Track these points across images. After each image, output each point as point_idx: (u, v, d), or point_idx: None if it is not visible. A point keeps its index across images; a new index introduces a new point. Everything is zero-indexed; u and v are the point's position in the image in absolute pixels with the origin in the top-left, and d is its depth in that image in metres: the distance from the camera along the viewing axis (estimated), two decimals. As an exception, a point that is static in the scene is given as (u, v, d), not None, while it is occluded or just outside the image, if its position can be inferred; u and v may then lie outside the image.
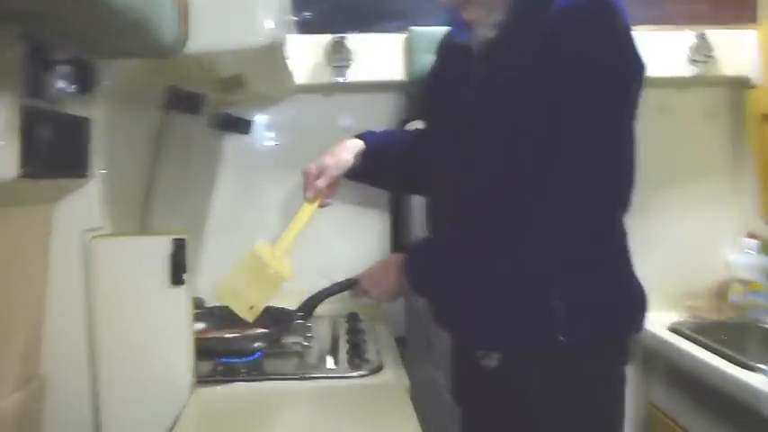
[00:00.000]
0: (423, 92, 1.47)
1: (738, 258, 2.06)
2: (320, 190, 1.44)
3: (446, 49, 1.40)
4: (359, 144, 1.47)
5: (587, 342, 1.20)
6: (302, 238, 1.99)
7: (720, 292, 2.07)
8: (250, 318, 1.42)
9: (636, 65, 1.15)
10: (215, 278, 1.87)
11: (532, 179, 1.12)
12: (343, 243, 2.03)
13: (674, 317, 1.97)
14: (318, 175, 1.44)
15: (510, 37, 1.18)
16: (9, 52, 0.87)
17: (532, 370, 1.21)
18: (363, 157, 1.46)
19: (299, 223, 1.45)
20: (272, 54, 1.28)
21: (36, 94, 0.92)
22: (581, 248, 1.17)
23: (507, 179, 1.14)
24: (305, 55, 1.92)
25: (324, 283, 1.86)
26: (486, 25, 1.22)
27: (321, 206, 1.46)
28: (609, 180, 1.15)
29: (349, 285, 1.76)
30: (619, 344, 1.27)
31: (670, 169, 2.08)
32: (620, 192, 1.20)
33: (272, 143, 2.06)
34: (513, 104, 1.13)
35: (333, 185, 1.45)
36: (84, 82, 1.06)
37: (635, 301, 1.28)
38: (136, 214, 1.38)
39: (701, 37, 1.95)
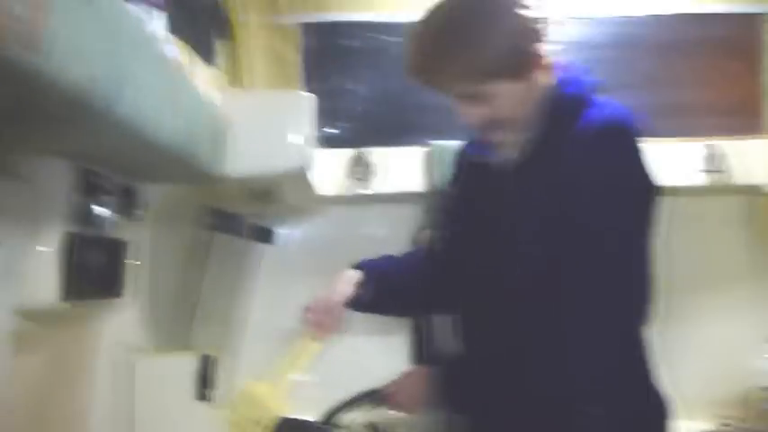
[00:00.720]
0: (444, 204, 1.48)
1: (764, 364, 2.04)
2: (327, 326, 1.39)
3: (466, 163, 1.41)
4: (355, 274, 1.43)
5: None
6: (332, 349, 2.00)
7: (749, 400, 2.04)
8: None
9: (652, 181, 1.17)
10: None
11: (561, 297, 1.13)
12: (366, 353, 2.04)
13: (703, 425, 1.94)
14: (321, 312, 1.39)
15: (537, 157, 1.22)
16: (58, 182, 0.92)
17: None
18: (365, 285, 1.42)
19: (303, 360, 1.39)
20: (304, 174, 1.34)
21: (80, 221, 0.97)
22: (610, 364, 1.17)
23: (536, 296, 1.16)
24: (329, 168, 1.99)
25: (345, 394, 1.86)
26: (510, 146, 1.25)
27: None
28: (633, 296, 1.16)
29: (372, 395, 1.75)
30: None
31: (696, 276, 2.10)
32: (642, 305, 1.20)
33: (303, 253, 2.11)
34: (541, 224, 1.15)
35: (337, 319, 1.40)
36: (127, 207, 1.11)
37: (662, 411, 1.26)
38: (181, 328, 1.40)
39: (712, 147, 2.01)
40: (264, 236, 1.96)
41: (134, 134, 0.70)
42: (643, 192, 1.17)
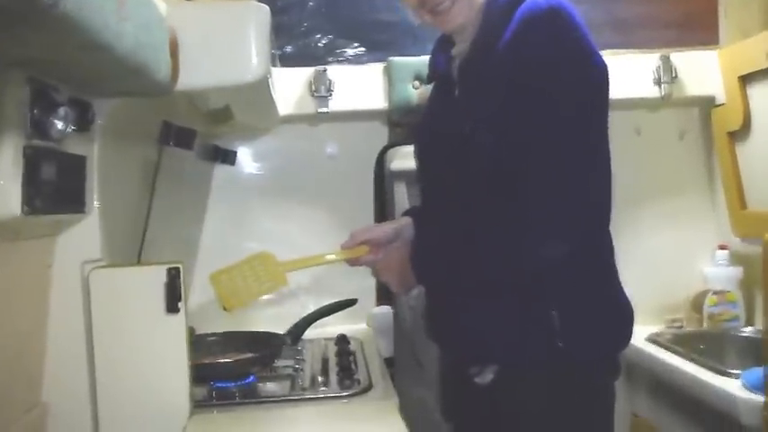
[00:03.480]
0: (418, 120, 1.48)
1: (713, 270, 2.13)
2: (355, 244, 1.39)
3: (434, 81, 1.43)
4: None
5: (582, 354, 1.21)
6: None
7: (697, 304, 2.14)
8: (227, 309, 1.37)
9: (597, 63, 1.18)
10: (206, 307, 1.93)
11: (520, 183, 1.14)
12: (330, 268, 2.08)
13: (653, 329, 2.04)
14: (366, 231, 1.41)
15: (478, 54, 1.24)
16: (15, 95, 0.92)
17: (526, 385, 1.22)
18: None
19: (316, 259, 1.42)
20: (259, 89, 1.34)
21: (39, 134, 0.97)
22: (573, 254, 1.18)
23: (494, 184, 1.17)
24: (288, 87, 1.99)
25: (312, 307, 1.92)
26: (465, 41, 1.28)
27: (350, 263, 1.41)
28: (589, 182, 1.17)
29: (336, 308, 1.82)
30: (609, 358, 1.29)
31: (646, 188, 2.17)
32: (602, 200, 1.20)
33: (260, 172, 2.12)
34: (490, 116, 1.17)
35: (373, 252, 1.38)
36: (83, 120, 1.11)
37: (625, 316, 1.30)
38: (133, 245, 1.42)
39: (666, 59, 2.05)
40: (221, 155, 1.97)
41: (79, 33, 0.70)
42: (589, 72, 1.18)
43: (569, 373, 1.20)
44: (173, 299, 1.25)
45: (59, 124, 1.00)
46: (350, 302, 1.72)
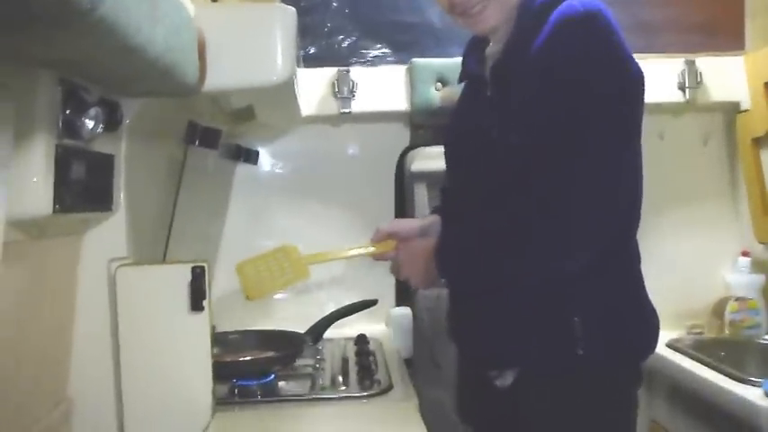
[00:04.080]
0: (447, 121, 1.47)
1: (735, 277, 2.12)
2: (381, 237, 1.41)
3: (465, 80, 1.43)
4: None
5: (604, 362, 1.20)
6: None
7: (718, 311, 2.12)
8: (249, 298, 1.41)
9: (632, 69, 1.16)
10: (226, 304, 1.95)
11: (550, 186, 1.13)
12: (350, 268, 2.09)
13: (673, 335, 2.03)
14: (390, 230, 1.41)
15: (513, 54, 1.22)
16: (47, 96, 0.94)
17: (547, 390, 1.20)
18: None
19: (340, 253, 1.45)
20: (284, 90, 1.35)
21: (70, 134, 0.99)
22: (599, 260, 1.17)
23: (522, 186, 1.15)
24: (311, 87, 2.00)
25: (332, 307, 1.93)
26: (498, 42, 1.27)
27: (375, 257, 1.42)
28: (619, 188, 1.16)
29: (357, 309, 1.82)
30: (633, 366, 1.27)
31: (668, 193, 2.15)
32: (631, 207, 1.20)
33: (282, 172, 2.13)
34: (520, 118, 1.16)
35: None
36: (112, 120, 1.13)
37: (650, 324, 1.28)
38: (158, 243, 1.44)
39: (691, 64, 2.03)
40: (243, 154, 1.98)
41: (114, 37, 0.71)
42: (622, 72, 1.15)
43: (590, 380, 1.19)
44: (197, 297, 1.26)
45: (90, 124, 1.02)
46: (370, 303, 1.73)
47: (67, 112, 0.98)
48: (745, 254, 2.10)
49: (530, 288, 1.20)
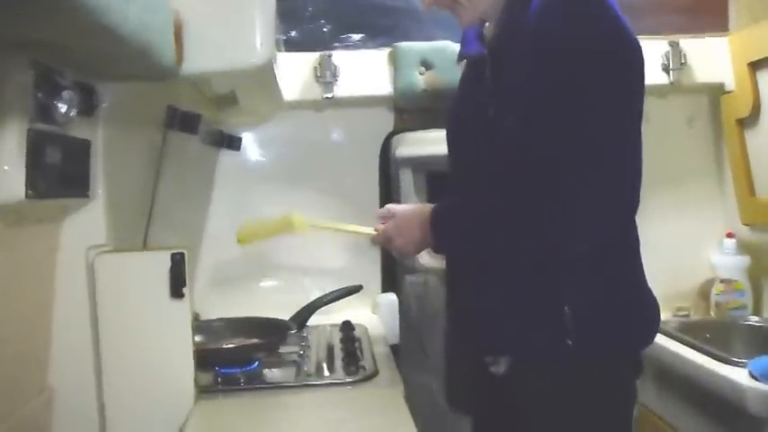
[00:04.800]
0: (450, 104, 1.45)
1: (720, 258, 2.12)
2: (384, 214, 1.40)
3: (464, 64, 1.40)
4: None
5: (596, 352, 1.17)
6: (295, 251, 2.04)
7: (704, 293, 2.13)
8: (240, 242, 1.46)
9: (630, 42, 1.13)
10: (211, 292, 1.93)
11: (549, 167, 1.10)
12: (335, 255, 2.08)
13: (662, 318, 2.02)
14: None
15: (505, 33, 1.20)
16: (19, 78, 0.91)
17: (539, 379, 1.19)
18: None
19: (345, 226, 1.48)
20: (264, 73, 1.33)
21: (43, 118, 0.97)
22: (593, 248, 1.15)
23: (522, 169, 1.13)
24: (293, 72, 1.98)
25: (317, 293, 1.92)
26: (492, 22, 1.25)
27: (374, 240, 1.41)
28: (618, 170, 1.13)
29: (341, 295, 1.81)
30: (629, 356, 1.25)
31: (654, 175, 2.11)
32: (632, 186, 1.16)
33: (265, 158, 2.11)
34: (520, 102, 1.13)
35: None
36: (87, 104, 1.11)
37: (648, 312, 1.26)
38: (138, 230, 1.42)
39: (675, 45, 2.03)
40: (226, 141, 1.96)
41: (83, 14, 0.69)
42: (618, 53, 1.12)
43: (582, 370, 1.17)
44: (177, 284, 1.25)
45: (63, 108, 1.00)
46: (355, 289, 1.72)
47: (40, 95, 0.95)
48: (729, 235, 2.10)
49: (525, 275, 1.18)
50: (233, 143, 2.00)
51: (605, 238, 1.16)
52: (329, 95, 1.99)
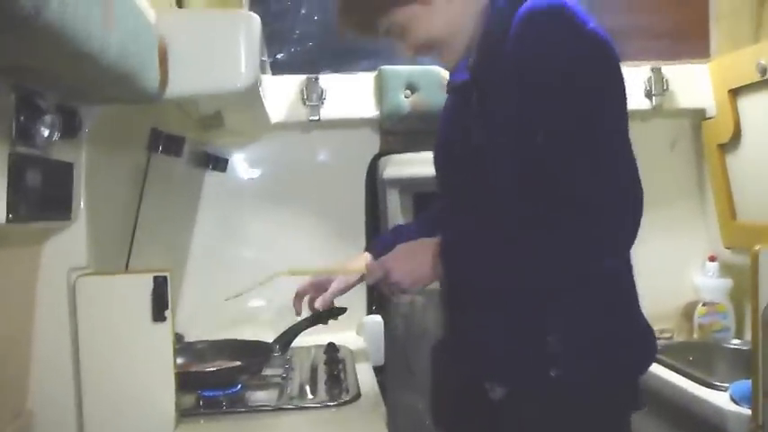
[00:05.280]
0: (438, 130, 1.45)
1: (703, 281, 2.14)
2: (329, 300, 1.55)
3: (449, 91, 1.40)
4: (366, 256, 1.52)
5: (582, 383, 1.15)
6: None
7: (687, 314, 2.14)
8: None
9: (610, 53, 1.14)
10: (195, 313, 1.92)
11: (541, 190, 1.10)
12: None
13: (643, 339, 2.04)
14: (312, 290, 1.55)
15: (485, 58, 1.21)
16: (0, 102, 0.91)
17: (530, 409, 1.17)
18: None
19: (332, 268, 1.55)
20: (249, 96, 1.34)
21: (24, 142, 0.97)
22: (583, 275, 1.16)
23: (522, 191, 1.13)
24: (280, 94, 1.99)
25: (302, 315, 1.91)
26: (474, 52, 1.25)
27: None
28: (633, 190, 1.13)
29: (326, 317, 1.81)
30: (621, 389, 1.21)
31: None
32: (638, 205, 1.14)
33: (251, 179, 2.12)
34: (502, 122, 1.14)
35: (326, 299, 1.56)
36: (69, 127, 1.10)
37: (639, 342, 1.23)
38: (120, 252, 1.41)
39: (657, 72, 2.06)
40: (212, 162, 1.97)
41: (62, 43, 0.70)
42: (601, 61, 1.13)
43: (570, 400, 1.15)
44: (159, 307, 1.24)
45: (45, 132, 1.00)
46: (340, 311, 1.71)
47: (21, 119, 0.95)
48: (712, 259, 2.12)
49: (517, 303, 1.17)
50: (219, 164, 2.00)
51: (618, 263, 1.17)
52: (315, 118, 2.00)
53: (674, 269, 2.19)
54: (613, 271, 1.21)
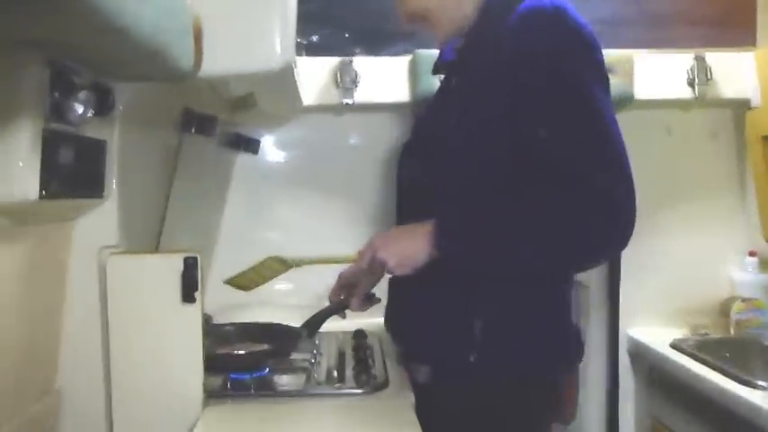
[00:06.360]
0: (424, 112, 1.49)
1: (741, 276, 2.08)
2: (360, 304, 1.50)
3: (440, 71, 1.43)
4: None
5: (497, 373, 1.19)
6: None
7: (724, 310, 2.09)
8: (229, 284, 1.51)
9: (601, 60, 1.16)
10: (224, 294, 1.92)
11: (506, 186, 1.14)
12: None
13: (678, 334, 2.00)
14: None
15: (475, 47, 1.21)
16: (34, 78, 0.91)
17: (449, 391, 1.23)
18: None
19: (329, 258, 1.50)
20: (284, 77, 1.32)
21: (58, 118, 0.96)
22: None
23: (478, 185, 1.17)
24: (313, 76, 1.97)
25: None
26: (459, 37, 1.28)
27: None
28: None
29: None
30: (533, 386, 1.24)
31: (675, 189, 2.12)
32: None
33: (282, 162, 2.10)
34: (480, 115, 1.16)
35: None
36: (103, 105, 1.10)
37: (558, 347, 1.25)
38: (151, 232, 1.41)
39: (701, 60, 1.99)
40: (243, 143, 1.95)
41: (96, 16, 0.68)
42: (588, 69, 1.14)
43: (485, 385, 1.20)
44: (189, 288, 1.23)
45: (79, 108, 0.99)
46: (369, 298, 1.69)
47: (56, 94, 0.95)
48: (752, 254, 2.06)
49: (450, 288, 1.20)
50: (251, 146, 1.99)
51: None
52: (348, 101, 1.98)
53: (711, 264, 2.14)
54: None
